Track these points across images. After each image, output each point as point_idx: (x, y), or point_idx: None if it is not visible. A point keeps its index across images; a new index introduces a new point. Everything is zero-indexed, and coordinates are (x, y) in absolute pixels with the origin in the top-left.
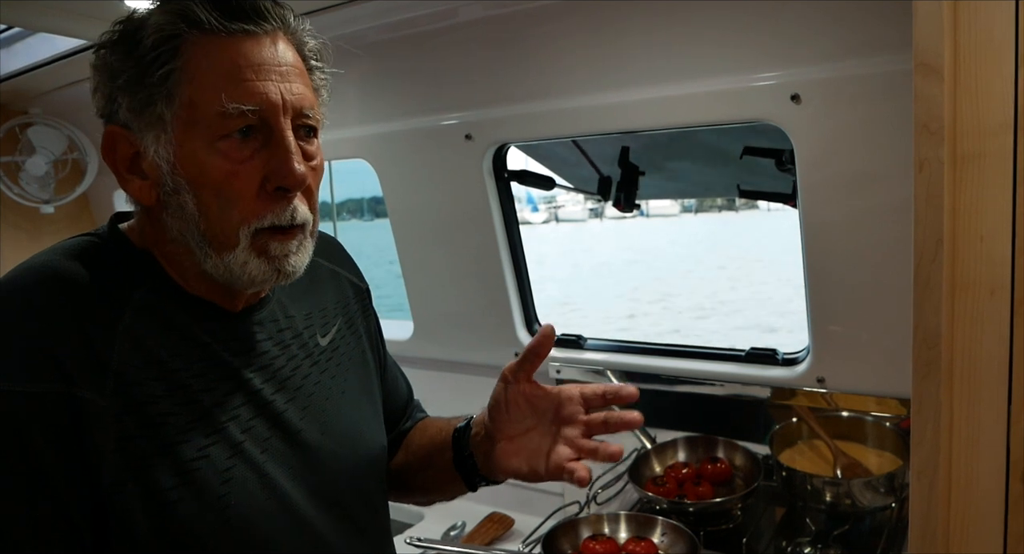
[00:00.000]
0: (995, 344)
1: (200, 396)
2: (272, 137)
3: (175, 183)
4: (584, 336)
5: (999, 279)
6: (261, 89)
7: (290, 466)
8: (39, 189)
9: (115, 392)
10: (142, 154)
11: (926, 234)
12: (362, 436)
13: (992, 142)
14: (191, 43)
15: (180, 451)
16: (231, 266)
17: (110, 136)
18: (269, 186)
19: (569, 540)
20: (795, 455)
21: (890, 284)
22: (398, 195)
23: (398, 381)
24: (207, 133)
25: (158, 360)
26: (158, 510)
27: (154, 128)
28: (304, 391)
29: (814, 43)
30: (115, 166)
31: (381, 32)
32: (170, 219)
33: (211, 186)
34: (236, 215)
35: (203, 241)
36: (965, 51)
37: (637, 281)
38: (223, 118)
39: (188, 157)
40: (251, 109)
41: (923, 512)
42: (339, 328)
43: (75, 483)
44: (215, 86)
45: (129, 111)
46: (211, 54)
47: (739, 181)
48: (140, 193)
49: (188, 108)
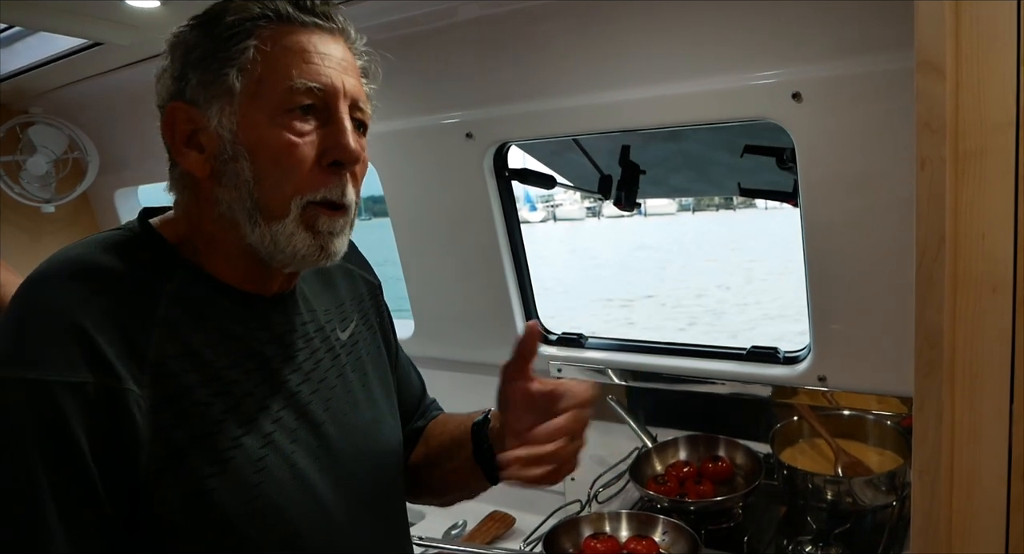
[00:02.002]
0: (997, 342)
1: (233, 387)
2: (331, 118)
3: (234, 151)
4: (585, 335)
5: (1001, 277)
6: (326, 73)
7: (316, 457)
8: (40, 188)
9: (153, 383)
10: (202, 128)
11: (928, 232)
12: (380, 430)
13: (994, 140)
14: (267, 26)
15: (215, 441)
16: (278, 237)
17: (172, 112)
18: (324, 161)
19: (570, 539)
20: (796, 454)
21: (891, 282)
22: (399, 194)
23: (411, 377)
24: (272, 106)
25: (193, 351)
26: (195, 499)
27: (220, 99)
28: (327, 384)
29: (815, 42)
30: (172, 140)
31: (381, 31)
32: (221, 190)
33: (270, 155)
34: (290, 186)
35: (254, 209)
36: (967, 49)
37: (645, 278)
38: (290, 93)
39: (251, 127)
40: (317, 87)
41: (925, 510)
42: (356, 323)
43: (110, 473)
44: (286, 64)
45: (199, 85)
46: (285, 37)
47: (740, 180)
48: (195, 164)
49: (257, 83)
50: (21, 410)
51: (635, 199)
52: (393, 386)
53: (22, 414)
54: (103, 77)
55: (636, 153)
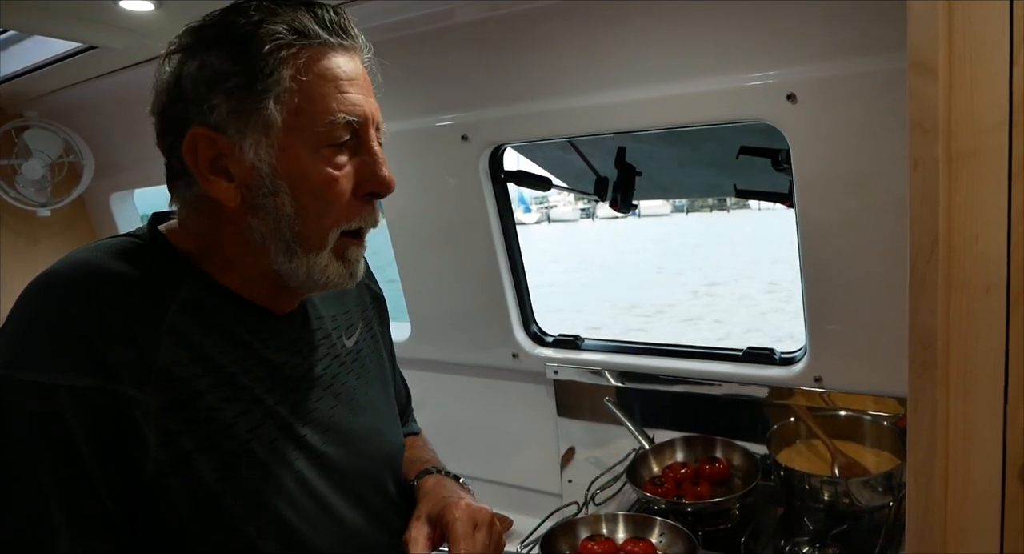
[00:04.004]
0: (991, 342)
1: (242, 392)
2: (362, 146)
3: (274, 185)
4: (581, 336)
5: (994, 277)
6: (359, 102)
7: (322, 463)
8: (35, 192)
9: (159, 388)
10: (229, 155)
11: (921, 232)
12: (383, 435)
13: (986, 140)
14: (299, 53)
15: (223, 446)
16: (313, 268)
17: (194, 138)
18: (360, 191)
19: (567, 541)
20: (793, 454)
21: (887, 283)
22: (394, 197)
23: (398, 385)
24: (312, 140)
25: (202, 357)
26: (202, 502)
27: (256, 132)
28: (332, 390)
29: (809, 43)
30: (196, 167)
31: (377, 34)
32: (256, 220)
33: (313, 190)
34: (331, 218)
35: (294, 241)
36: (959, 50)
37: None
38: (331, 127)
39: (291, 161)
40: (355, 120)
41: (920, 511)
42: (361, 331)
43: (114, 478)
44: (323, 96)
45: (231, 114)
46: (318, 65)
47: (735, 181)
48: (225, 194)
49: (294, 115)
50: (26, 412)
51: (632, 200)
52: (393, 393)
53: (26, 416)
54: (98, 81)
55: (631, 154)
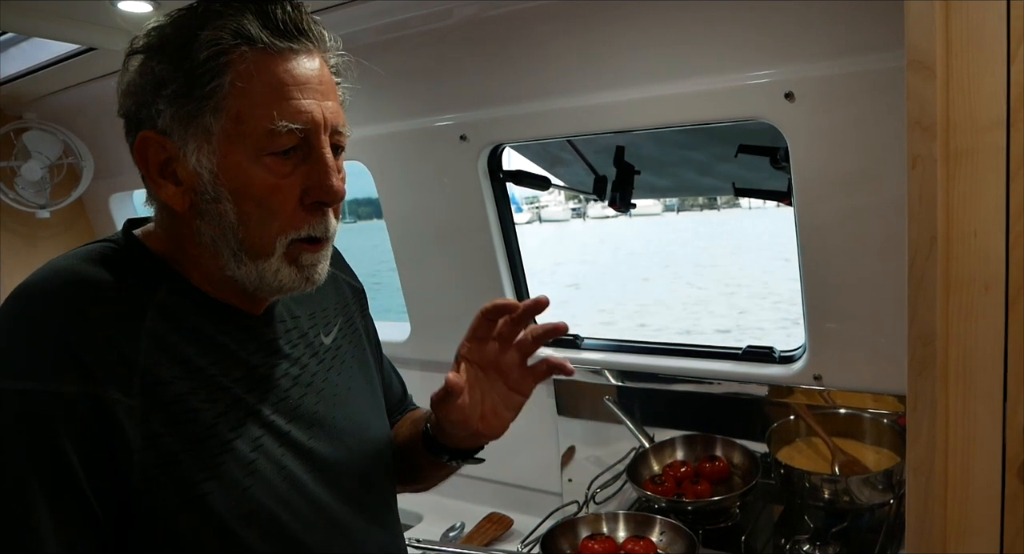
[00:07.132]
0: (989, 340)
1: (222, 393)
2: (311, 154)
3: (216, 192)
4: (581, 335)
5: (993, 275)
6: (306, 108)
7: (306, 459)
8: (35, 194)
9: (142, 392)
10: (177, 160)
11: (920, 230)
12: (369, 430)
13: (984, 138)
14: (241, 58)
15: (206, 446)
16: (264, 274)
17: (143, 142)
18: (307, 200)
19: (568, 540)
20: (793, 453)
21: (886, 281)
22: (394, 197)
23: (392, 379)
24: (253, 147)
25: (182, 359)
26: (188, 503)
27: (197, 138)
28: (314, 387)
29: (807, 41)
30: (147, 170)
31: (375, 34)
32: (204, 225)
33: (254, 198)
34: (276, 226)
35: (239, 248)
36: (957, 48)
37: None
38: (271, 135)
39: (232, 168)
40: (299, 128)
41: (920, 508)
42: (340, 327)
43: (99, 482)
44: (264, 102)
45: (173, 120)
46: (260, 70)
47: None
48: (173, 198)
49: (235, 122)
50: (9, 420)
51: (630, 200)
52: (379, 386)
53: (10, 424)
54: (97, 82)
55: (628, 153)
